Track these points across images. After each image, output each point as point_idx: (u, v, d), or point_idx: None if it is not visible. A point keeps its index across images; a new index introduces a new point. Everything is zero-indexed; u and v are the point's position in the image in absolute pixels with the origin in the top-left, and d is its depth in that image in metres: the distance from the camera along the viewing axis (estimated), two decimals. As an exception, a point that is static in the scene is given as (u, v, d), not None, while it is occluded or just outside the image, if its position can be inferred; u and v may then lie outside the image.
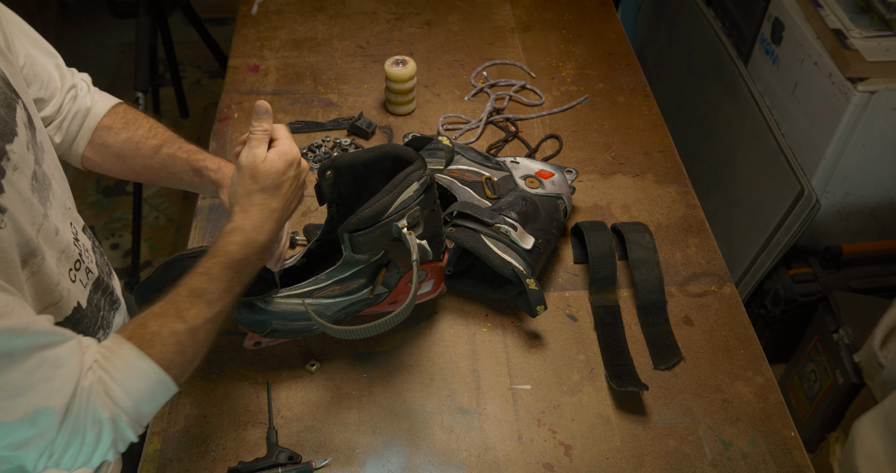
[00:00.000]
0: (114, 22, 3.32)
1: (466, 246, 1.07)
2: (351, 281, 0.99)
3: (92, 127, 1.01)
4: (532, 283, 1.05)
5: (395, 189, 0.92)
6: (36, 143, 0.84)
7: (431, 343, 1.10)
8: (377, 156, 0.97)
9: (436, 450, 0.98)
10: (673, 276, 1.20)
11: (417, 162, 0.95)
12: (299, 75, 1.54)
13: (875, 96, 1.54)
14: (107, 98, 1.04)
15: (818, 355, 1.80)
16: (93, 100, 1.02)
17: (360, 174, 0.98)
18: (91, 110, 1.02)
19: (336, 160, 0.96)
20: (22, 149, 0.79)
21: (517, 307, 1.14)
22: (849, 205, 1.78)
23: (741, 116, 1.95)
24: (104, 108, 1.03)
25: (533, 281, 1.06)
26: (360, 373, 1.06)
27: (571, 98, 1.51)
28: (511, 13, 1.72)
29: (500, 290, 1.12)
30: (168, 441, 0.98)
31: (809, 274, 1.85)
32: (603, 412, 1.03)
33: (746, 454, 0.99)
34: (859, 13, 1.64)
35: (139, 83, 2.00)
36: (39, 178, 0.83)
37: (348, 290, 0.99)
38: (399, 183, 0.92)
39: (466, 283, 1.14)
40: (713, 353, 1.10)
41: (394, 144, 0.96)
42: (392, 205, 0.92)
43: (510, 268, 1.06)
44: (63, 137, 0.99)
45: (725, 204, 2.06)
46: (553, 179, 1.21)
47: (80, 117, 1.00)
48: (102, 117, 1.02)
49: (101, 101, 1.03)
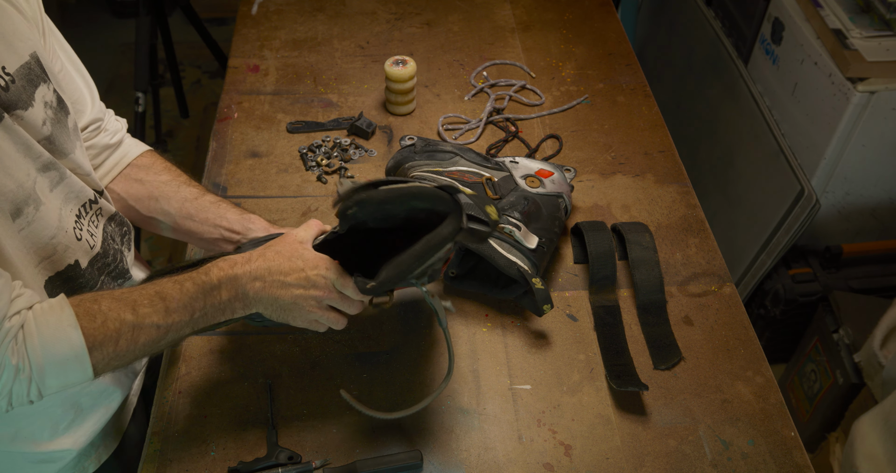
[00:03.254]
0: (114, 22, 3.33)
1: (471, 247, 1.07)
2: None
3: (124, 163, 1.03)
4: (538, 282, 1.05)
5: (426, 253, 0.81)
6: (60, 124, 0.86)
7: (431, 343, 1.10)
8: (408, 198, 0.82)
9: (436, 450, 0.98)
10: (673, 276, 1.20)
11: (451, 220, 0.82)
12: (299, 75, 1.54)
13: (875, 96, 1.54)
14: (139, 143, 1.06)
15: (818, 355, 1.80)
16: (122, 139, 1.04)
17: (387, 211, 0.85)
18: (121, 148, 1.03)
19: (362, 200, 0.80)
20: (35, 121, 0.81)
21: (518, 306, 1.14)
22: (849, 205, 1.78)
23: (741, 116, 1.95)
24: (139, 149, 1.05)
25: (539, 280, 1.06)
26: (360, 373, 1.06)
27: (571, 98, 1.51)
28: (511, 13, 1.72)
29: (505, 290, 1.12)
30: (168, 441, 0.98)
31: (809, 274, 1.86)
32: (603, 412, 1.03)
33: (746, 454, 0.99)
34: (859, 13, 1.64)
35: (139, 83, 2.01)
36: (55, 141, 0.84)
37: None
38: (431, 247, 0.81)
39: (471, 285, 1.14)
40: (713, 353, 1.10)
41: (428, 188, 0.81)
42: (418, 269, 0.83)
43: (516, 268, 1.06)
44: None
45: (725, 204, 2.06)
46: (553, 177, 1.21)
47: (98, 150, 1.00)
48: (138, 156, 1.04)
49: (134, 144, 1.05)
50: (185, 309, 0.82)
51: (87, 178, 0.93)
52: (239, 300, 0.85)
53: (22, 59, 0.81)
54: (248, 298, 0.85)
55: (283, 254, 0.86)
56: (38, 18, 0.87)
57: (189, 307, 0.82)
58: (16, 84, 0.79)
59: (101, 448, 1.03)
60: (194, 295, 0.82)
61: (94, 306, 0.78)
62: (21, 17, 0.83)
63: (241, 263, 0.85)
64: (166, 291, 0.81)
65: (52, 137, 0.84)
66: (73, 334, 0.76)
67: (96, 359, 0.77)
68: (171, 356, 1.07)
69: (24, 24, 0.83)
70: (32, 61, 0.82)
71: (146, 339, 0.80)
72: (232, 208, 1.03)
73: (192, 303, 0.82)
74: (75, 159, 0.89)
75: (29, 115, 0.80)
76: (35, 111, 0.81)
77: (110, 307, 0.78)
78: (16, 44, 0.80)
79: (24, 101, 0.80)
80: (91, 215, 0.93)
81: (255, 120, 1.43)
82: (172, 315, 0.81)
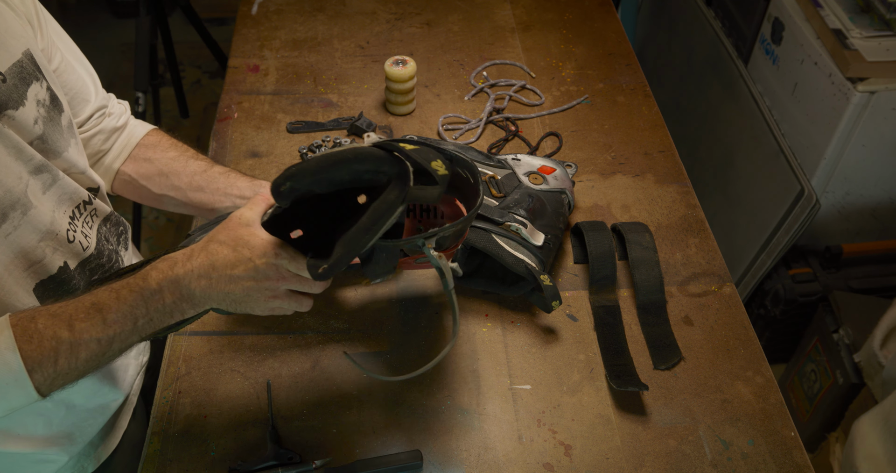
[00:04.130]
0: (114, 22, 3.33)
1: (478, 246, 1.07)
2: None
3: (132, 144, 1.03)
4: (546, 279, 1.05)
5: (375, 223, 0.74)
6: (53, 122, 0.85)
7: (431, 343, 1.10)
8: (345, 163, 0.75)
9: (436, 450, 0.98)
10: (673, 276, 1.20)
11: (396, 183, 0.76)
12: (299, 75, 1.54)
13: (875, 96, 1.54)
14: (144, 123, 1.07)
15: (818, 355, 1.80)
16: (127, 121, 1.05)
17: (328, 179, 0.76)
18: (127, 129, 1.04)
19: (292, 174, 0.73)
20: (26, 120, 0.80)
21: (518, 306, 1.14)
22: (849, 205, 1.78)
23: (741, 116, 1.95)
24: (144, 129, 1.05)
25: (547, 277, 1.06)
26: (360, 373, 1.06)
27: (571, 98, 1.51)
28: (511, 13, 1.72)
29: (513, 288, 1.12)
30: (168, 441, 0.98)
31: (809, 274, 1.86)
32: (603, 412, 1.03)
33: (746, 454, 0.99)
34: (859, 13, 1.64)
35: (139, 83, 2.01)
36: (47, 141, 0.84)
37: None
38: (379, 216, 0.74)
39: (478, 283, 1.14)
40: (713, 353, 1.10)
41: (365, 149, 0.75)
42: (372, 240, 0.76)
43: (523, 265, 1.06)
44: (86, 150, 1.00)
45: (725, 204, 2.06)
46: (555, 174, 1.21)
47: (106, 135, 1.02)
48: (145, 136, 1.04)
49: (138, 124, 1.06)
50: (126, 319, 0.76)
51: (81, 176, 0.92)
52: (186, 301, 0.79)
53: (14, 57, 0.80)
54: (196, 297, 0.78)
55: (228, 244, 0.78)
56: (33, 13, 0.87)
57: (130, 315, 0.76)
58: (7, 83, 0.78)
59: (101, 447, 1.03)
60: (133, 303, 0.77)
61: (31, 325, 0.74)
62: (13, 14, 0.82)
63: (182, 261, 0.78)
64: (102, 301, 0.76)
65: (45, 135, 0.84)
66: (10, 357, 0.72)
67: (38, 381, 0.74)
68: (171, 356, 1.07)
69: (16, 21, 0.82)
70: (25, 59, 0.82)
71: (87, 354, 0.75)
72: (242, 176, 1.03)
73: (132, 311, 0.77)
74: (69, 158, 0.89)
75: (20, 114, 0.80)
76: (27, 110, 0.81)
77: (46, 325, 0.74)
78: (7, 42, 0.80)
79: (14, 100, 0.79)
80: (85, 216, 0.93)
81: (255, 120, 1.43)
82: (112, 327, 0.76)
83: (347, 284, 1.16)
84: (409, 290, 1.16)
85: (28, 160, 0.81)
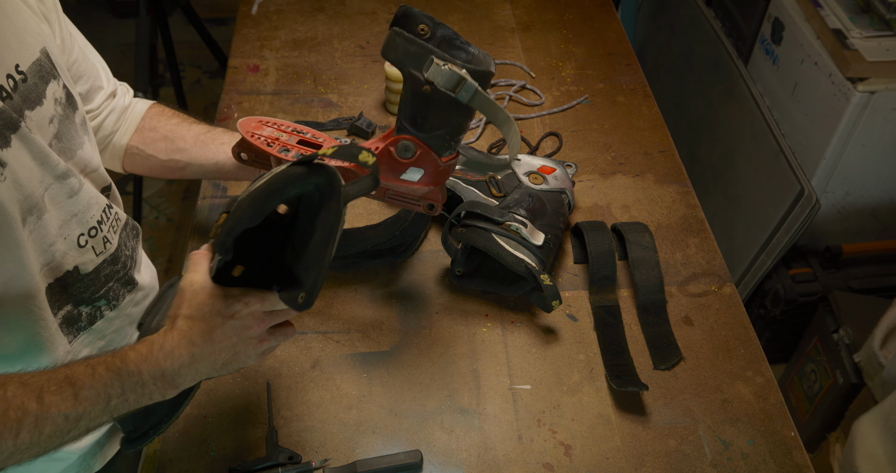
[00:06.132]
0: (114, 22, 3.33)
1: (478, 246, 1.07)
2: None
3: (136, 119, 1.08)
4: (546, 278, 1.06)
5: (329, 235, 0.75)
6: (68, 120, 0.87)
7: (431, 343, 1.10)
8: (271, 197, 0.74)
9: (436, 450, 0.98)
10: (673, 276, 1.20)
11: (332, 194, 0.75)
12: (299, 75, 1.54)
13: (875, 96, 1.54)
14: (144, 99, 1.12)
15: (818, 355, 1.80)
16: (132, 99, 1.10)
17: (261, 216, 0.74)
18: (131, 106, 1.09)
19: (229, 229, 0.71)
20: (43, 120, 0.81)
21: (518, 306, 1.14)
22: (849, 205, 1.78)
23: (741, 116, 1.95)
24: (146, 104, 1.10)
25: (547, 276, 1.06)
26: (360, 373, 1.06)
27: (571, 98, 1.51)
28: (511, 13, 1.72)
29: (512, 287, 1.12)
30: (168, 441, 0.98)
31: (809, 274, 1.86)
32: (603, 412, 1.03)
33: (746, 454, 0.99)
34: (859, 13, 1.64)
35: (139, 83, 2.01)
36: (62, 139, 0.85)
37: None
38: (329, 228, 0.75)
39: (478, 283, 1.14)
40: (713, 353, 1.10)
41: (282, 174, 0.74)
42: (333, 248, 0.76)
43: (524, 265, 1.06)
44: (98, 133, 1.04)
45: (725, 204, 2.06)
46: (555, 174, 1.21)
47: (117, 113, 1.06)
48: (147, 109, 1.10)
49: (140, 101, 1.11)
50: (99, 396, 0.72)
51: (95, 174, 0.93)
52: (166, 381, 0.75)
53: (33, 55, 0.80)
54: (181, 375, 0.75)
55: (195, 317, 0.76)
56: (51, 7, 0.87)
57: (103, 393, 0.72)
58: (28, 82, 0.78)
59: (107, 446, 1.03)
60: (108, 381, 0.73)
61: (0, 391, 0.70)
62: (30, 12, 0.82)
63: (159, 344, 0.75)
64: (76, 375, 0.72)
65: (60, 134, 0.84)
66: None
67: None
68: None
69: (34, 19, 0.82)
70: (43, 57, 0.81)
71: (52, 430, 0.70)
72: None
73: (106, 390, 0.73)
74: (83, 156, 0.89)
75: (36, 114, 0.80)
76: (45, 109, 0.81)
77: (15, 394, 0.69)
78: (27, 40, 0.80)
79: (32, 99, 0.79)
80: (111, 220, 0.94)
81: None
82: (83, 403, 0.71)
83: (347, 284, 1.16)
84: (409, 290, 1.16)
85: (54, 166, 0.82)
